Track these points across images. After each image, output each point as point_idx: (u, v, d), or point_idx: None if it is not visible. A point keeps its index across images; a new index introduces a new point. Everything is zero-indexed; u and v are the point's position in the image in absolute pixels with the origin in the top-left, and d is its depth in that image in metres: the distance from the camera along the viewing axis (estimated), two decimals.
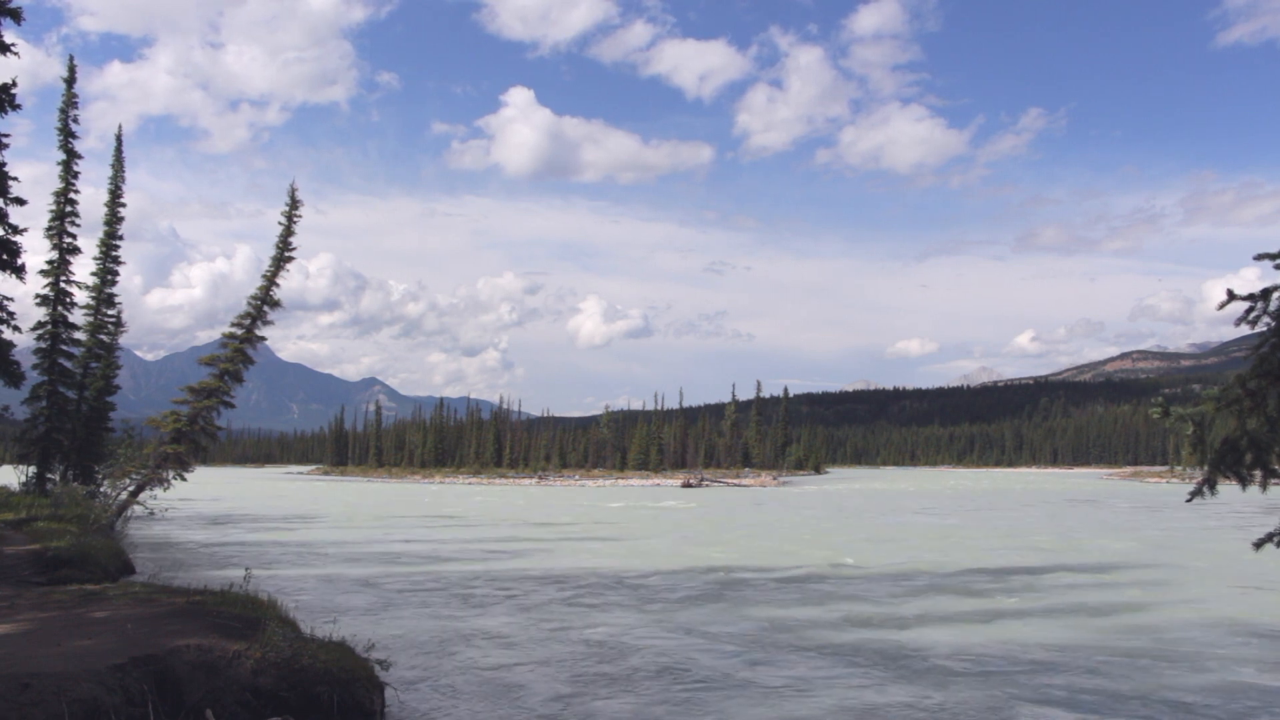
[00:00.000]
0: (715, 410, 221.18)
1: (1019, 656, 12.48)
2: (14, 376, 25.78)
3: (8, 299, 24.71)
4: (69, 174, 34.04)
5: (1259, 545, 6.32)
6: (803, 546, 28.36)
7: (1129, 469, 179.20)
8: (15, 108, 21.88)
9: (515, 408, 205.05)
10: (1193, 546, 28.64)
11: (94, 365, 35.59)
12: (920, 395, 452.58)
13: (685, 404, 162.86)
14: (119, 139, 38.16)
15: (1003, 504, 58.10)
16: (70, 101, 33.57)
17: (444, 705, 9.96)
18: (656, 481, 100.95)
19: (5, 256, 23.65)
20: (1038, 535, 33.13)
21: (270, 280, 32.06)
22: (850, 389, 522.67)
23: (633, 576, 20.79)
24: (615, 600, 17.47)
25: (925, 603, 17.30)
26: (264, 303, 31.92)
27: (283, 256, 32.27)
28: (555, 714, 9.72)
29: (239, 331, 31.71)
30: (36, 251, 31.31)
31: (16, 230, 24.32)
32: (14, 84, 21.67)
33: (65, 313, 33.98)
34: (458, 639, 13.52)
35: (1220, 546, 28.43)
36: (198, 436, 31.06)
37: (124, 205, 37.23)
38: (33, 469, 33.37)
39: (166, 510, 33.06)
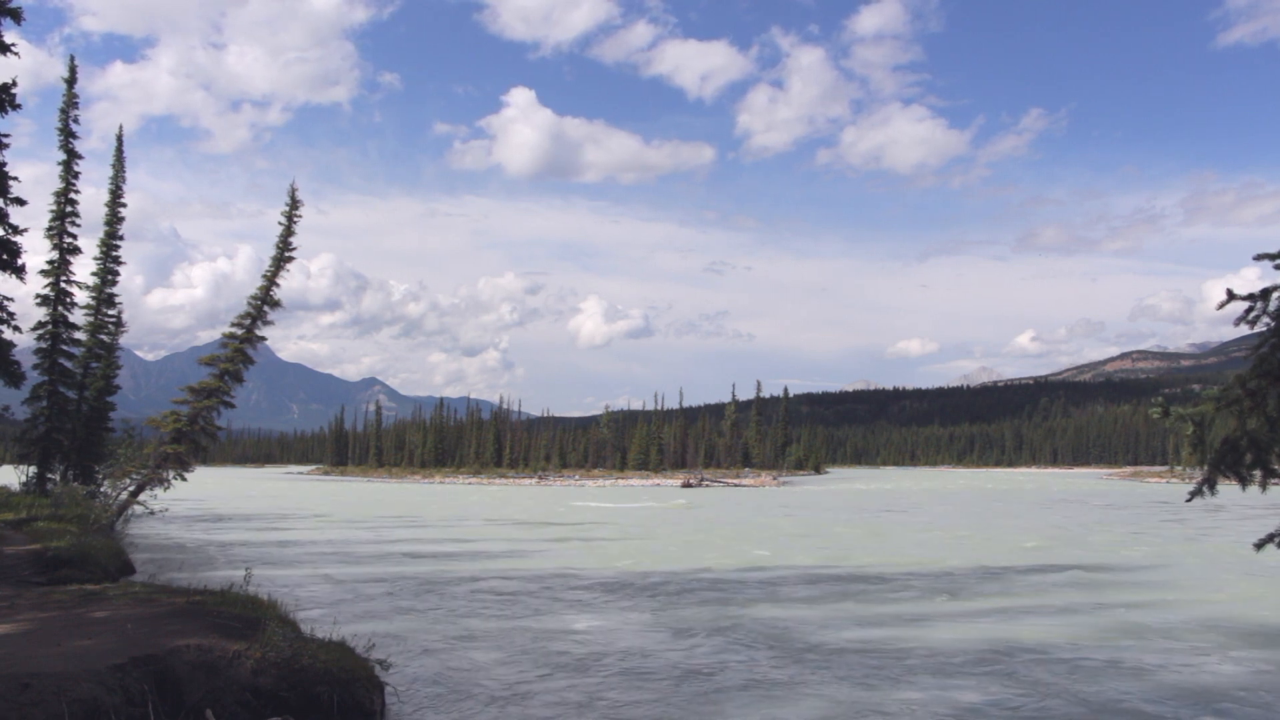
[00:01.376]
0: (715, 410, 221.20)
1: (997, 655, 12.49)
2: (14, 376, 25.79)
3: (8, 299, 24.73)
4: (69, 174, 34.04)
5: (1260, 546, 6.31)
6: (799, 546, 28.37)
7: (1129, 469, 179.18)
8: (15, 108, 21.89)
9: (515, 408, 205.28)
10: (1169, 546, 28.65)
11: (94, 365, 35.59)
12: (920, 395, 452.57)
13: (685, 404, 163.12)
14: (119, 139, 38.20)
15: (1001, 504, 58.10)
16: (71, 101, 33.56)
17: (444, 705, 9.96)
18: (656, 481, 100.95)
19: (5, 256, 23.66)
20: (1029, 534, 33.12)
21: (270, 280, 32.07)
22: (850, 389, 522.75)
23: (629, 577, 20.80)
24: (612, 600, 17.48)
25: (919, 603, 17.31)
26: (264, 303, 31.92)
27: (283, 256, 32.27)
28: (554, 714, 9.72)
29: (239, 331, 31.71)
30: (37, 251, 31.38)
31: (17, 230, 24.32)
32: (14, 84, 21.68)
33: (65, 313, 33.98)
34: (457, 639, 13.53)
35: (1199, 546, 28.43)
36: (198, 436, 31.06)
37: (124, 205, 37.24)
38: (33, 469, 33.37)
39: (166, 510, 33.05)
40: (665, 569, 22.23)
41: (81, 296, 34.98)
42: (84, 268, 36.87)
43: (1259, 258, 6.10)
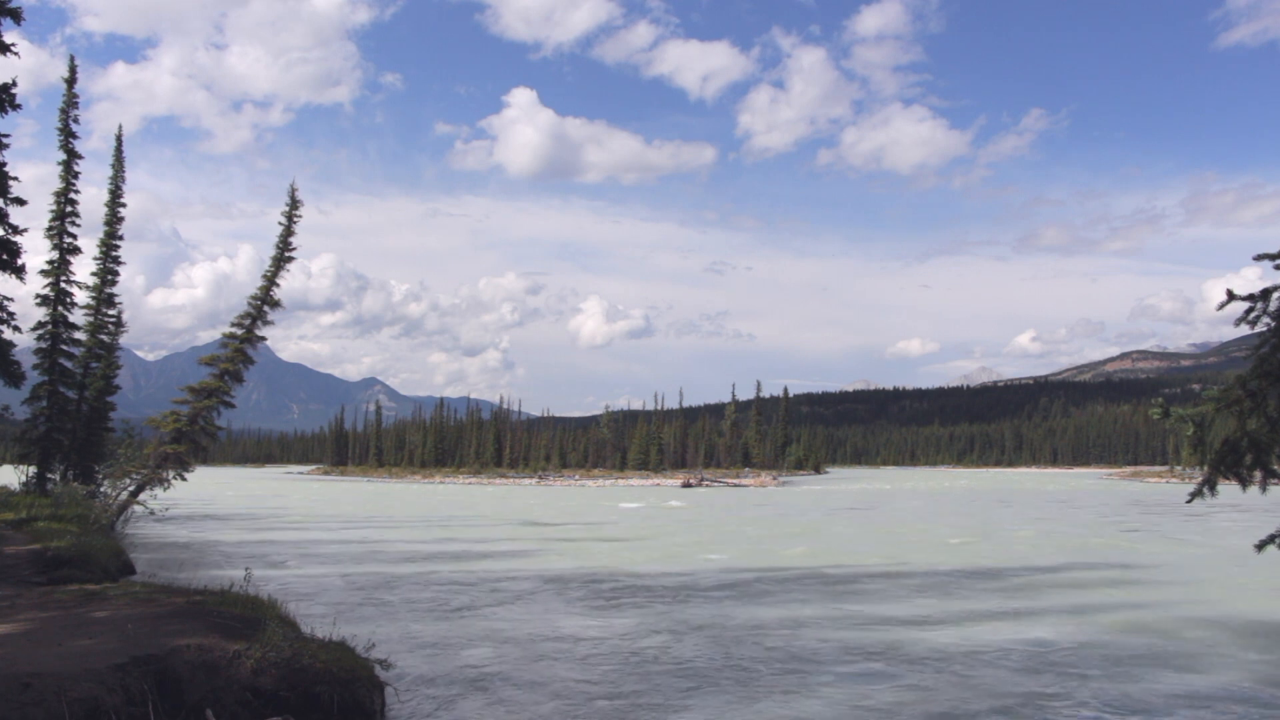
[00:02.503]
0: (715, 410, 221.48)
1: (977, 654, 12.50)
2: (14, 376, 25.77)
3: (8, 299, 24.70)
4: (69, 174, 34.02)
5: (1261, 546, 6.31)
6: (796, 547, 28.37)
7: (1129, 469, 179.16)
8: (15, 108, 21.85)
9: (515, 408, 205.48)
10: (1150, 545, 28.68)
11: (94, 365, 35.57)
12: (920, 395, 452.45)
13: (685, 404, 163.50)
14: (119, 139, 38.17)
15: (998, 504, 58.10)
16: (70, 101, 33.54)
17: (444, 705, 9.97)
18: (656, 481, 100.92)
19: (5, 256, 23.64)
20: (1022, 533, 33.15)
21: (270, 280, 32.08)
22: (850, 389, 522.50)
23: (628, 577, 20.80)
24: (610, 600, 17.48)
25: (918, 603, 17.31)
26: (264, 303, 31.94)
27: (283, 257, 32.29)
28: (554, 713, 9.73)
29: (239, 331, 31.73)
30: (37, 251, 31.38)
31: (17, 230, 24.30)
32: (14, 84, 21.65)
33: (65, 313, 33.95)
34: (457, 639, 13.53)
35: (1181, 545, 28.45)
36: (198, 436, 31.07)
37: (124, 205, 37.21)
38: (33, 469, 33.35)
39: (166, 510, 33.04)
40: (666, 570, 22.22)
41: (81, 296, 34.98)
42: (84, 268, 36.89)
43: (1259, 258, 6.11)
